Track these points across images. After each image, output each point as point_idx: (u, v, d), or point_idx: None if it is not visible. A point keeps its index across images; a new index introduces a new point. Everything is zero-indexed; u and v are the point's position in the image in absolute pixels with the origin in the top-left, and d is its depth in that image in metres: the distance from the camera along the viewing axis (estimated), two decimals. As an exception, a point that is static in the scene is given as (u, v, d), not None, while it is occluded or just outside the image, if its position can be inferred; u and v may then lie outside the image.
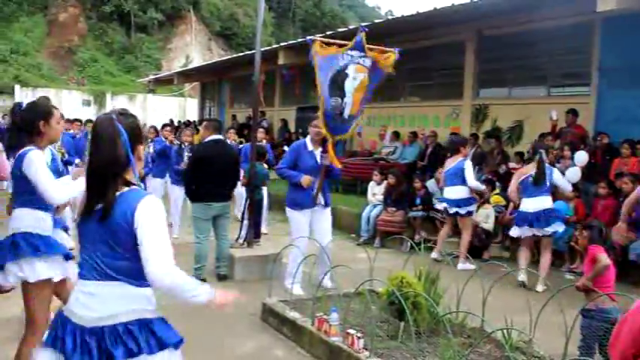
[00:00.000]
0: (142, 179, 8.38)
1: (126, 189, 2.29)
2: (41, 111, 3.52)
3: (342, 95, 5.81)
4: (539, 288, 6.50)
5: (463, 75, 12.29)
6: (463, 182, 7.76)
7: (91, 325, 2.22)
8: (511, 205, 8.59)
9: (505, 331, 4.13)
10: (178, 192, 8.78)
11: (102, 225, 2.24)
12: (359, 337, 4.11)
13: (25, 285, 3.39)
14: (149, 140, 10.50)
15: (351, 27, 11.99)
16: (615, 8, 7.62)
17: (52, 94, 30.87)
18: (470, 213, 7.91)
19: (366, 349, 4.07)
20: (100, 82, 38.11)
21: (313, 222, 6.16)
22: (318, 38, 5.90)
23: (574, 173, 7.88)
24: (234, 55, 21.48)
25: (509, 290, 5.96)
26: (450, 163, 7.99)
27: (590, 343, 4.10)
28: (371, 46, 5.94)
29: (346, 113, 5.91)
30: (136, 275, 2.27)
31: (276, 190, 10.19)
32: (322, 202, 6.14)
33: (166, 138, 9.61)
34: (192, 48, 43.50)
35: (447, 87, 13.21)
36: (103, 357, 2.19)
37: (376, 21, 12.56)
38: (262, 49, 7.42)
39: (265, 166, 9.03)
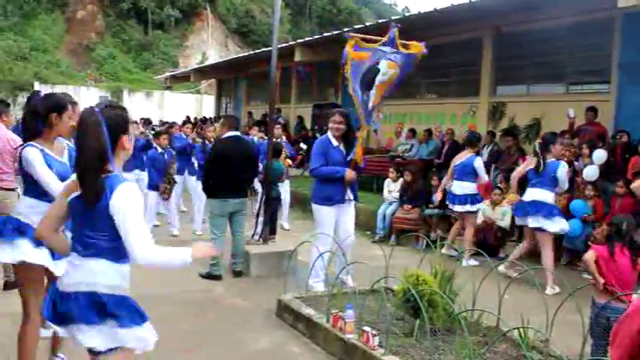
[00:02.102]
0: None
1: (105, 175, 2.44)
2: (56, 103, 3.55)
3: (370, 89, 5.82)
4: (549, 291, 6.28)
5: (480, 72, 12.21)
6: (470, 178, 7.82)
7: (69, 290, 2.47)
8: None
9: (521, 330, 4.10)
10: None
11: (87, 207, 2.44)
12: (374, 335, 4.10)
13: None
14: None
15: (367, 24, 11.95)
16: (637, 4, 7.52)
17: (70, 90, 31.08)
18: (476, 211, 7.96)
19: (381, 347, 4.07)
20: (118, 78, 38.45)
21: (338, 218, 6.08)
22: (356, 35, 5.86)
23: (592, 172, 7.80)
24: (251, 52, 21.51)
25: (525, 289, 5.91)
26: (460, 158, 8.00)
27: (593, 335, 4.06)
28: (403, 42, 5.90)
29: (370, 106, 5.91)
30: (116, 253, 2.48)
31: (295, 187, 10.20)
32: (351, 197, 6.09)
33: (187, 135, 9.66)
34: (209, 45, 43.70)
35: (464, 84, 13.12)
36: (75, 317, 2.44)
37: (393, 18, 12.52)
38: (279, 46, 7.42)
39: (289, 161, 9.08)
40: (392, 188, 9.49)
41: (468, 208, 7.86)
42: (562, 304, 4.11)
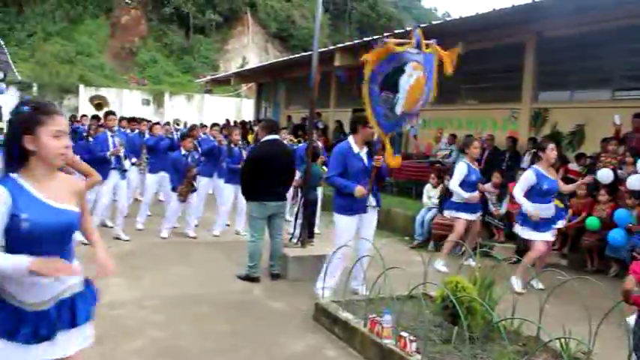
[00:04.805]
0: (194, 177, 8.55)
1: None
2: None
3: (395, 91, 5.59)
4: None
5: (522, 77, 12.02)
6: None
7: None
8: (570, 211, 8.38)
9: (563, 340, 4.02)
10: (230, 190, 8.92)
11: None
12: (411, 340, 4.08)
13: None
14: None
15: (408, 29, 11.90)
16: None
17: (113, 93, 31.90)
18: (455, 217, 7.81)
19: (419, 353, 4.04)
20: (159, 82, 39.12)
21: (360, 226, 5.95)
22: (391, 40, 5.72)
23: (636, 181, 7.60)
24: (291, 57, 21.62)
25: (567, 299, 5.79)
26: None
27: (638, 350, 3.91)
28: (427, 42, 5.73)
29: (398, 109, 5.63)
30: None
31: (330, 191, 10.16)
32: (373, 204, 5.97)
33: (215, 137, 9.77)
34: (249, 49, 44.11)
35: (506, 89, 12.94)
36: None
37: (433, 22, 12.42)
38: (319, 50, 7.45)
39: (325, 168, 9.10)
40: (432, 194, 9.42)
41: (447, 212, 7.99)
42: (606, 316, 4.01)
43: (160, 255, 7.62)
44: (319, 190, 9.43)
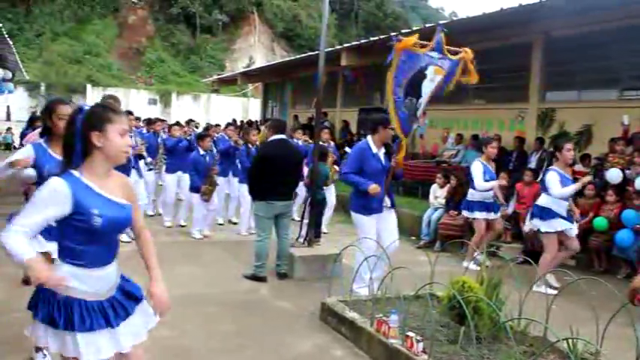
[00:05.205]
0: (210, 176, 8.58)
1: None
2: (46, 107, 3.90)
3: (418, 96, 5.72)
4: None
5: (529, 77, 11.99)
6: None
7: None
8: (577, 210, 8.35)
9: (570, 341, 4.00)
10: (246, 189, 8.87)
11: None
12: (418, 340, 4.07)
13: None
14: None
15: (414, 28, 11.89)
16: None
17: (120, 93, 32.06)
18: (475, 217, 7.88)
19: (425, 353, 4.03)
20: (166, 81, 39.26)
21: (380, 225, 6.00)
22: (404, 38, 5.81)
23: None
24: (298, 56, 21.62)
25: (574, 299, 5.77)
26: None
27: None
28: (448, 47, 5.85)
29: (419, 113, 5.84)
30: None
31: (340, 191, 10.21)
32: (388, 205, 6.03)
33: (230, 137, 9.78)
34: (256, 49, 44.18)
35: (513, 89, 12.91)
36: None
37: (440, 22, 12.39)
38: (325, 50, 7.44)
39: (336, 167, 9.11)
40: (438, 194, 9.40)
41: (468, 214, 8.00)
42: (614, 316, 3.99)
43: (167, 254, 7.62)
44: (332, 190, 9.42)
